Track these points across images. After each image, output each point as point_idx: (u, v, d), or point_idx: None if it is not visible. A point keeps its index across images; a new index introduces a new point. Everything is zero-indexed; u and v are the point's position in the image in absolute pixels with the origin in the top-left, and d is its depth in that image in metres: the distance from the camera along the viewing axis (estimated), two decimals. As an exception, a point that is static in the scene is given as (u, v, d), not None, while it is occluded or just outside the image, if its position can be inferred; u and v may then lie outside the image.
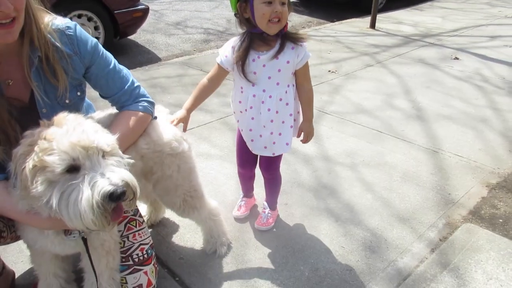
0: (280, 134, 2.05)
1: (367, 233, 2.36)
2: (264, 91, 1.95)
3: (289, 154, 3.15)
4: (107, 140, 1.33)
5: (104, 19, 5.22)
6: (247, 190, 2.53)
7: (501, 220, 2.47)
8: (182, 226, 2.40)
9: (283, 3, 1.80)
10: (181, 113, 2.03)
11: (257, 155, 2.25)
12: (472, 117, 3.85)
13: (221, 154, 3.14)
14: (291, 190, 2.75)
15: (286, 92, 1.98)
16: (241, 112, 2.07)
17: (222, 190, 2.70)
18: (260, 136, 2.05)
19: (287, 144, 2.08)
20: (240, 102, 2.04)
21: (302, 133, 2.14)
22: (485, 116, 3.86)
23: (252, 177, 2.47)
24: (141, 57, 5.70)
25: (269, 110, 1.97)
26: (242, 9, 1.84)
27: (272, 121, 2.00)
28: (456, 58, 5.58)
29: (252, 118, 2.02)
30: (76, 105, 1.68)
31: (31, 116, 1.42)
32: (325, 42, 6.37)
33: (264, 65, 1.91)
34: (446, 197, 2.67)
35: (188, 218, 2.12)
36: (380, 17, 7.69)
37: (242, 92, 2.01)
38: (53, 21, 1.53)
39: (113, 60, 1.70)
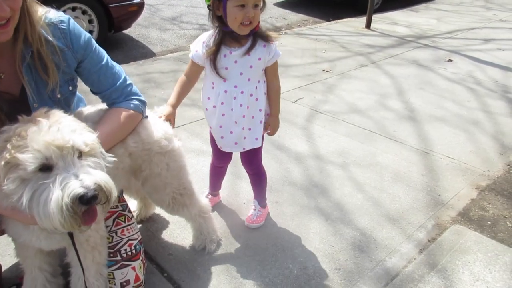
0: (250, 129, 2.07)
1: (357, 233, 2.36)
2: (235, 87, 1.97)
3: (281, 152, 3.16)
4: (86, 139, 1.29)
5: (98, 12, 5.18)
6: (215, 187, 2.55)
7: (489, 222, 2.49)
8: (172, 222, 2.39)
9: (256, 5, 1.80)
10: (166, 110, 2.02)
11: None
12: (464, 119, 3.87)
13: (213, 151, 3.13)
14: (282, 188, 2.75)
15: (256, 88, 2.00)
16: (206, 109, 2.08)
17: (213, 187, 2.69)
18: (231, 132, 2.07)
19: (256, 139, 2.10)
20: (209, 98, 2.05)
21: (269, 126, 2.17)
22: (477, 119, 3.88)
23: (223, 173, 2.49)
24: (135, 51, 5.67)
25: (241, 105, 1.99)
26: (215, 7, 1.84)
27: (244, 116, 2.02)
28: (450, 60, 5.61)
29: (223, 115, 2.03)
30: (68, 100, 1.66)
31: (22, 110, 1.40)
32: (320, 41, 6.37)
33: (236, 61, 1.92)
34: (436, 198, 2.69)
35: (177, 215, 2.12)
36: (375, 17, 7.71)
37: (213, 88, 2.02)
38: (46, 14, 1.51)
39: (106, 56, 1.69)
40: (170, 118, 2.01)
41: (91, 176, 1.22)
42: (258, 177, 2.36)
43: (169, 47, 5.97)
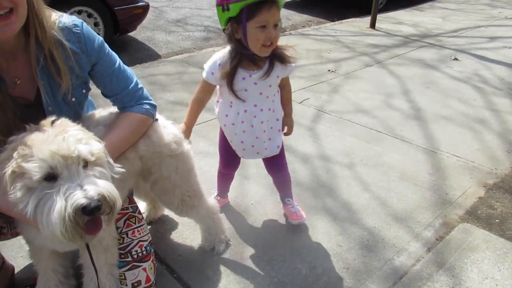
0: (270, 139, 2.09)
1: (364, 232, 2.37)
2: (255, 105, 1.98)
3: (287, 153, 3.16)
4: (92, 149, 1.29)
5: (104, 15, 5.23)
6: (224, 190, 2.56)
7: (497, 220, 2.49)
8: (181, 223, 2.41)
9: (275, 25, 1.78)
10: (182, 127, 2.03)
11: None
12: (471, 118, 3.87)
13: (220, 152, 3.15)
14: (290, 188, 2.76)
15: (273, 101, 2.03)
16: (225, 125, 2.09)
17: (221, 188, 2.71)
18: (252, 146, 2.09)
19: (278, 146, 2.13)
20: (227, 115, 2.05)
21: (286, 126, 2.20)
22: (483, 117, 3.88)
23: (232, 178, 2.51)
24: (140, 54, 5.70)
25: (262, 123, 2.01)
26: (234, 30, 1.82)
27: (264, 131, 2.04)
28: (455, 59, 5.60)
29: (244, 131, 2.04)
30: (81, 103, 1.69)
31: (37, 114, 1.42)
32: (325, 41, 6.38)
33: (255, 83, 1.92)
34: (443, 197, 2.69)
35: (186, 217, 2.14)
36: (380, 17, 7.70)
37: (231, 106, 2.01)
38: (59, 19, 1.53)
39: (118, 60, 1.70)
40: (186, 136, 2.02)
41: (95, 186, 1.23)
42: (286, 178, 2.37)
43: (174, 49, 6.00)
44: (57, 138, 1.25)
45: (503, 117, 3.89)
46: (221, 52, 1.94)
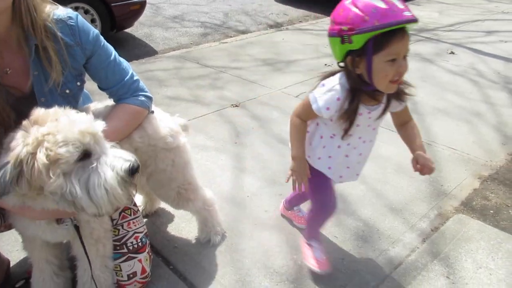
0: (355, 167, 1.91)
1: (360, 223, 2.39)
2: (360, 138, 1.78)
3: (284, 146, 3.17)
4: (100, 127, 1.37)
5: (101, 11, 5.21)
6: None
7: (492, 211, 2.51)
8: (177, 216, 2.42)
9: (404, 56, 1.52)
10: (298, 164, 1.79)
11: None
12: (467, 111, 3.88)
13: (217, 146, 3.16)
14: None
15: (376, 132, 1.85)
16: (319, 158, 1.85)
17: (217, 181, 2.72)
18: (340, 176, 1.89)
19: (357, 174, 1.92)
20: (324, 147, 1.81)
21: (420, 166, 1.80)
22: (479, 110, 3.89)
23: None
24: (138, 50, 5.69)
25: (360, 154, 1.83)
26: (354, 64, 1.55)
27: (358, 162, 1.87)
28: (452, 53, 5.60)
29: (339, 163, 1.86)
30: (76, 96, 1.68)
31: (31, 105, 1.42)
32: (322, 36, 6.37)
33: (370, 117, 1.70)
34: (439, 189, 2.70)
35: (182, 209, 2.14)
36: (377, 11, 7.68)
37: (332, 138, 1.78)
38: (54, 11, 1.52)
39: (113, 52, 1.70)
40: (307, 173, 1.78)
41: (122, 152, 1.35)
42: None
43: (171, 45, 5.99)
44: (78, 119, 1.31)
45: (498, 110, 3.90)
46: (335, 84, 1.66)
